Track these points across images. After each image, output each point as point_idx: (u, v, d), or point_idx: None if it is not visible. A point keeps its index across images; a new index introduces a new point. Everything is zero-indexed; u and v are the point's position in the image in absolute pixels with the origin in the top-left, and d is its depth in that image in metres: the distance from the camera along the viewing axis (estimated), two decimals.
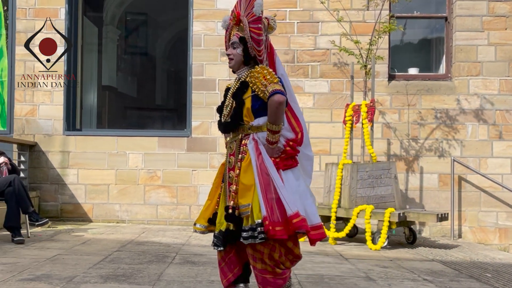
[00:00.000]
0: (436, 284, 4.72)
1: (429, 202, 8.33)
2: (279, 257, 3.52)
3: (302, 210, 3.45)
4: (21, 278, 4.49)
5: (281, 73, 3.71)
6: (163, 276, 4.73)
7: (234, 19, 3.68)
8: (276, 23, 3.78)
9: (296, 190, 3.52)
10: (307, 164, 3.76)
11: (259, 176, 3.45)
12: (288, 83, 3.74)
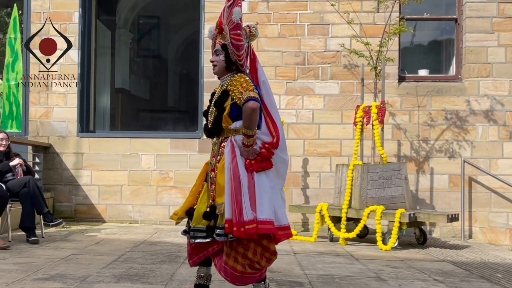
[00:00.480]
0: (447, 285, 4.70)
1: (439, 203, 8.29)
2: (253, 256, 3.60)
3: (272, 212, 3.57)
4: (36, 278, 4.51)
5: (263, 80, 3.83)
6: (175, 276, 4.74)
7: (217, 28, 3.87)
8: (257, 30, 3.90)
9: (267, 191, 3.60)
10: (281, 166, 3.81)
11: (231, 178, 3.58)
12: (269, 89, 3.85)
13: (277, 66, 8.55)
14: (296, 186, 8.45)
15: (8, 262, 5.22)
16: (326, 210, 7.23)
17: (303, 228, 8.41)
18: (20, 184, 6.54)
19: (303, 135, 8.47)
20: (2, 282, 4.31)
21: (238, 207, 3.49)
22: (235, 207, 3.50)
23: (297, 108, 8.50)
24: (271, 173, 3.69)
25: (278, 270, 5.11)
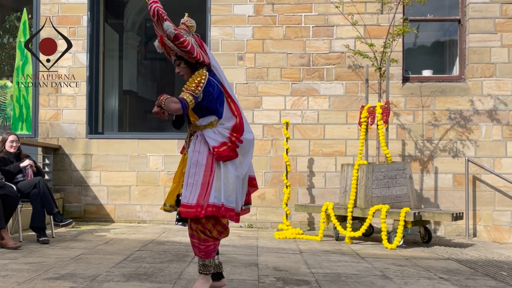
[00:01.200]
0: (452, 283, 4.67)
1: (444, 201, 8.26)
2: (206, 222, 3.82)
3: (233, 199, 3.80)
4: (46, 277, 4.52)
5: (213, 65, 3.96)
6: (183, 274, 4.73)
7: (161, 43, 4.00)
8: (191, 21, 4.02)
9: (233, 180, 3.81)
10: (248, 147, 3.99)
11: (189, 165, 3.84)
12: (221, 73, 3.99)
13: (282, 67, 8.54)
14: (302, 185, 8.43)
15: (19, 262, 5.23)
16: (331, 209, 7.21)
17: (309, 227, 8.39)
18: (30, 185, 6.56)
19: (308, 136, 8.46)
20: (14, 282, 4.32)
21: (188, 189, 3.77)
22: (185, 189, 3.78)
23: (302, 108, 8.49)
24: (237, 161, 3.87)
25: (285, 269, 5.10)
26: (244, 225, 8.44)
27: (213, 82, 3.86)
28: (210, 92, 3.82)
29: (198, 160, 3.81)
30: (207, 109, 3.87)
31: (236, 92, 8.51)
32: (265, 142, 8.52)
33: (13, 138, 6.90)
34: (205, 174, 3.77)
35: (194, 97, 3.76)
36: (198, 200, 3.71)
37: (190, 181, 3.77)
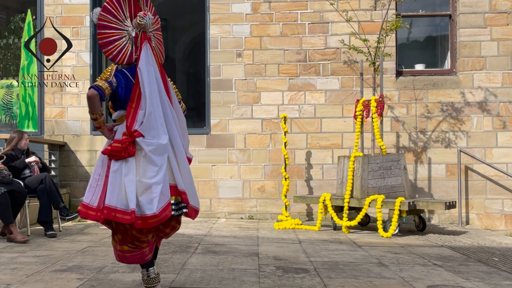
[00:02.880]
0: (446, 269, 4.68)
1: (437, 191, 8.27)
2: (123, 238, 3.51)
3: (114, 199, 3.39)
4: (54, 269, 4.52)
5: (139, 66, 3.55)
6: (186, 265, 4.74)
7: None
8: (143, 19, 3.63)
9: (119, 181, 3.41)
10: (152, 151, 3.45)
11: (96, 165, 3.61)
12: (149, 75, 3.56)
13: (279, 63, 8.52)
14: (300, 178, 8.44)
15: (27, 255, 5.23)
16: (329, 200, 7.22)
17: (307, 218, 8.40)
18: (37, 180, 6.56)
19: (306, 129, 8.45)
20: (22, 274, 4.33)
21: (90, 191, 3.51)
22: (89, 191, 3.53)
23: (299, 103, 8.48)
24: (130, 162, 3.44)
25: (284, 258, 5.11)
26: (245, 217, 8.45)
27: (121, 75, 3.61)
28: (120, 78, 3.58)
29: (103, 160, 3.56)
30: (121, 101, 3.60)
31: (235, 88, 8.51)
32: (264, 136, 8.51)
33: (27, 136, 6.97)
34: (106, 175, 3.50)
35: (108, 83, 3.53)
36: (99, 203, 3.45)
37: (93, 184, 3.54)
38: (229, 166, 8.53)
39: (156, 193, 3.37)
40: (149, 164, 3.44)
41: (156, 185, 3.39)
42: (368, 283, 4.09)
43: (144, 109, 3.49)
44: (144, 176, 3.41)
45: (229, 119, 8.55)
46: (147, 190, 3.38)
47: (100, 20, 3.63)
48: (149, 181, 3.39)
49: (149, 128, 3.48)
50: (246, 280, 4.14)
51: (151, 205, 3.35)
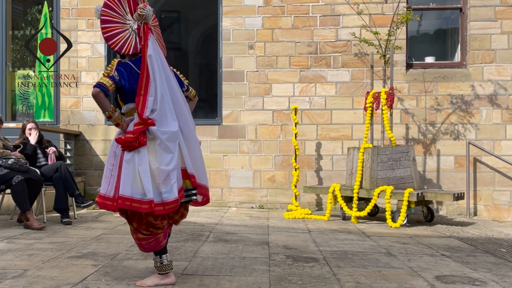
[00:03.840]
0: (454, 259, 4.67)
1: (445, 182, 8.23)
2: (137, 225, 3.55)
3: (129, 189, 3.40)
4: (69, 256, 4.56)
5: (149, 54, 3.55)
6: (198, 253, 4.76)
7: None
8: (143, 10, 3.67)
9: (132, 171, 3.43)
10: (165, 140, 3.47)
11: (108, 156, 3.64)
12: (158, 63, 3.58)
13: (291, 55, 8.50)
14: (310, 168, 8.43)
15: (43, 241, 5.28)
16: (338, 190, 7.21)
17: (317, 208, 8.40)
18: (52, 169, 6.61)
19: (316, 121, 8.43)
20: (39, 260, 4.37)
21: (105, 181, 3.54)
22: (104, 181, 3.56)
23: (310, 95, 8.46)
24: (142, 151, 3.45)
25: (294, 247, 5.11)
26: (255, 206, 8.46)
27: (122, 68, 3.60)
28: (121, 70, 3.57)
29: (115, 151, 3.57)
30: (128, 93, 3.59)
31: (247, 79, 8.51)
32: (275, 127, 8.51)
33: (31, 126, 6.91)
34: (119, 165, 3.51)
35: (110, 78, 3.52)
36: (115, 193, 3.47)
37: (107, 174, 3.56)
38: (240, 156, 8.54)
39: (174, 179, 3.43)
40: (164, 152, 3.46)
41: (173, 171, 3.45)
42: (377, 272, 4.09)
43: (153, 95, 3.48)
44: (162, 163, 3.43)
45: (241, 110, 8.55)
46: (167, 177, 3.41)
47: (102, 15, 3.69)
48: (166, 168, 3.43)
49: (161, 116, 3.49)
50: (257, 268, 4.15)
51: (172, 191, 3.41)
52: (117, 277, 3.79)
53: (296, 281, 3.75)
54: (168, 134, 3.48)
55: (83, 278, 3.76)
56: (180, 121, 3.60)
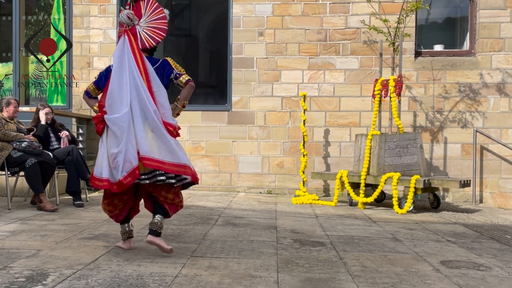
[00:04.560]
0: (459, 245, 4.67)
1: (452, 170, 8.21)
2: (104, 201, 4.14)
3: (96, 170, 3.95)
4: (81, 237, 4.61)
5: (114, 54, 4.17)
6: (207, 236, 4.79)
7: None
8: (122, 17, 4.14)
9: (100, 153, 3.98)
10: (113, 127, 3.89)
11: None
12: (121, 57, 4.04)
13: (300, 43, 8.46)
14: (318, 154, 8.43)
15: (56, 223, 5.33)
16: (346, 176, 7.21)
17: (324, 194, 8.41)
18: (64, 152, 6.65)
19: (324, 108, 8.42)
20: (52, 241, 4.41)
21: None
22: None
23: (319, 82, 8.44)
24: (103, 137, 3.99)
25: (301, 232, 5.13)
26: (264, 191, 8.48)
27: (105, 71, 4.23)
28: (102, 73, 4.25)
29: None
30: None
31: (256, 66, 8.50)
32: (283, 114, 8.50)
33: (47, 111, 6.94)
34: None
35: (93, 83, 4.29)
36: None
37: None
38: (249, 142, 8.55)
39: (120, 160, 3.78)
40: (112, 136, 3.89)
41: (119, 153, 3.79)
42: (383, 257, 4.10)
43: (110, 89, 4.00)
44: (111, 147, 3.86)
45: (250, 97, 8.55)
46: (114, 160, 3.80)
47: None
48: (113, 151, 3.82)
49: (111, 104, 3.94)
50: (265, 251, 4.18)
51: (118, 172, 3.79)
52: (128, 258, 3.83)
53: (303, 264, 3.77)
54: (112, 120, 3.88)
55: (94, 258, 3.80)
56: (139, 108, 3.90)
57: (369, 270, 3.67)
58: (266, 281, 3.30)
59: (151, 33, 4.23)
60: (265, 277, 3.40)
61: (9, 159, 6.14)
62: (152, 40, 4.20)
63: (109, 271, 3.46)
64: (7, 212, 5.96)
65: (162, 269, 3.55)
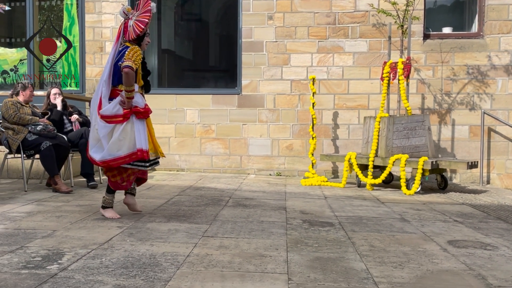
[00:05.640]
0: (466, 225, 4.65)
1: (460, 151, 8.16)
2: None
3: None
4: (95, 218, 4.64)
5: None
6: (218, 216, 4.81)
7: None
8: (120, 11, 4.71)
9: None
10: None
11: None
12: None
13: (309, 26, 8.40)
14: (327, 137, 8.41)
15: (71, 204, 5.37)
16: (354, 158, 7.19)
17: (333, 175, 8.40)
18: (78, 135, 6.67)
19: (333, 90, 8.37)
20: (67, 221, 4.45)
21: None
22: None
23: (328, 65, 8.38)
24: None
25: (310, 212, 5.14)
26: (273, 173, 8.49)
27: None
28: None
29: None
30: None
31: (266, 50, 8.46)
32: (293, 97, 8.47)
33: (56, 91, 6.95)
34: None
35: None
36: None
37: None
38: (259, 125, 8.54)
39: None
40: None
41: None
42: (391, 237, 4.10)
43: None
44: None
45: (260, 80, 8.51)
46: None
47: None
48: None
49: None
50: (274, 231, 4.19)
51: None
52: (141, 238, 3.86)
53: (312, 244, 3.78)
54: None
55: (109, 238, 3.83)
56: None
57: (377, 249, 3.67)
58: (276, 260, 3.31)
59: (134, 25, 4.57)
60: (275, 257, 3.40)
61: (24, 142, 6.18)
62: (133, 32, 4.56)
63: (123, 250, 3.49)
64: (23, 194, 6.01)
65: (174, 248, 3.57)
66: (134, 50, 4.47)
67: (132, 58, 4.41)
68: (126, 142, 4.41)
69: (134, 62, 4.40)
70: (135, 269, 3.06)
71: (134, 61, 4.40)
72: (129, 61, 4.37)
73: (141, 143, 4.42)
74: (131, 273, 2.99)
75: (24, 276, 2.89)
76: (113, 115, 4.41)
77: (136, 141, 4.41)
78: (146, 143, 4.45)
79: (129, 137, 4.42)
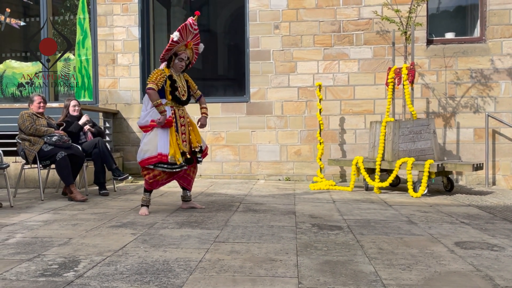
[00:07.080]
0: (473, 226, 4.61)
1: (465, 154, 8.10)
2: None
3: None
4: (110, 225, 4.65)
5: None
6: (229, 222, 4.80)
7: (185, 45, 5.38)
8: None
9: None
10: None
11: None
12: None
13: (315, 34, 8.40)
14: (334, 142, 8.39)
15: (86, 212, 5.39)
16: (361, 162, 7.17)
17: (341, 179, 8.37)
18: (91, 145, 6.71)
19: (339, 96, 8.36)
20: (82, 229, 4.46)
21: None
22: None
23: (334, 72, 8.37)
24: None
25: (319, 216, 5.12)
26: (282, 178, 8.47)
27: None
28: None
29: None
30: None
31: (273, 58, 8.46)
32: (300, 104, 8.46)
33: (75, 103, 7.03)
34: None
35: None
36: None
37: None
38: (268, 131, 8.53)
39: None
40: None
41: None
42: (399, 239, 4.07)
43: None
44: None
45: (267, 88, 8.52)
46: None
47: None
48: None
49: None
50: (284, 236, 4.17)
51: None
52: (154, 244, 3.86)
53: (321, 248, 3.76)
54: None
55: (123, 245, 3.84)
56: None
57: (386, 252, 3.65)
58: (286, 264, 3.30)
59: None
60: (285, 261, 3.39)
61: (40, 153, 6.22)
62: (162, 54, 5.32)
63: (137, 257, 3.49)
64: (40, 203, 6.04)
65: (187, 254, 3.56)
66: (156, 73, 5.09)
67: (153, 79, 5.06)
68: (150, 147, 5.09)
69: (155, 83, 5.04)
70: (149, 275, 3.06)
71: (155, 83, 5.04)
72: (151, 83, 5.05)
73: (162, 148, 5.06)
74: (145, 279, 2.99)
75: (41, 284, 2.90)
76: (142, 125, 5.25)
77: (158, 146, 5.07)
78: (166, 148, 5.06)
79: (152, 143, 5.10)
